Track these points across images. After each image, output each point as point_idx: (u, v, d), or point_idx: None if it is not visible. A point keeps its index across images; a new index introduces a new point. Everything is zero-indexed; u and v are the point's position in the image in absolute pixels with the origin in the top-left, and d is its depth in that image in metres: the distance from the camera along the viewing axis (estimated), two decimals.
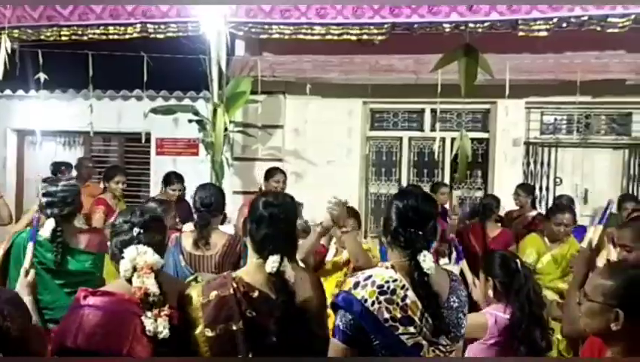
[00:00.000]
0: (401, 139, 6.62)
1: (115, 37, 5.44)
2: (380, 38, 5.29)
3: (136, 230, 1.90)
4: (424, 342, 1.80)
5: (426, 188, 5.74)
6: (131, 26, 5.38)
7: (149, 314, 1.76)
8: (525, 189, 5.34)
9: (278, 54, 6.22)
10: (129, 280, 1.81)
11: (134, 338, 1.75)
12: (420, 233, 1.88)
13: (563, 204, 4.59)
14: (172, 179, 5.03)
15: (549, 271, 4.04)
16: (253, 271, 1.91)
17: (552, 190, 6.32)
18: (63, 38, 5.44)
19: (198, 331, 1.79)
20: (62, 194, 2.74)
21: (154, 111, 5.88)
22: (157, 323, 1.76)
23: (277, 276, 1.85)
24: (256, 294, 1.83)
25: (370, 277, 1.85)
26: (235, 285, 1.83)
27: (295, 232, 2.04)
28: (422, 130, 6.59)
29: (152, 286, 1.79)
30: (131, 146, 7.10)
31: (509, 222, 5.34)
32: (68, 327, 1.76)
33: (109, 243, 1.99)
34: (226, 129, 5.58)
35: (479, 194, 6.43)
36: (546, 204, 6.15)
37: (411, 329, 1.78)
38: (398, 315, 1.78)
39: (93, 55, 5.62)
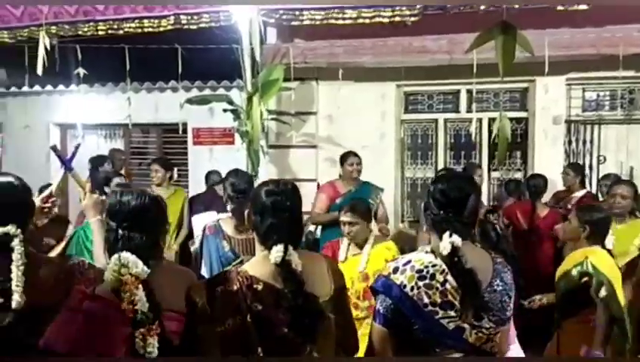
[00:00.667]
0: (436, 121, 6.52)
1: (150, 30, 5.53)
2: (412, 19, 5.21)
3: (120, 232, 1.82)
4: (465, 326, 1.79)
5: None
6: (165, 19, 5.46)
7: (137, 332, 1.68)
8: (574, 168, 5.27)
9: (310, 40, 6.19)
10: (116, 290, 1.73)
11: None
12: (458, 216, 1.86)
13: (618, 177, 4.62)
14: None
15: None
16: (258, 263, 1.88)
17: (595, 168, 6.12)
18: (100, 33, 5.57)
19: (207, 327, 1.77)
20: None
21: (189, 101, 5.97)
22: (145, 343, 1.69)
23: (283, 266, 1.80)
24: (260, 287, 1.79)
25: (409, 262, 1.85)
26: (240, 279, 1.80)
27: (300, 220, 1.99)
28: (457, 111, 6.47)
29: (140, 302, 1.71)
30: (169, 137, 7.24)
31: (557, 201, 5.25)
32: (61, 331, 1.70)
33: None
34: (260, 117, 5.62)
35: (518, 175, 6.29)
36: (590, 182, 5.98)
37: (451, 313, 1.78)
38: (438, 300, 1.77)
39: (129, 48, 5.73)
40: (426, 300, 1.77)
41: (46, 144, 7.39)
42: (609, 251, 3.08)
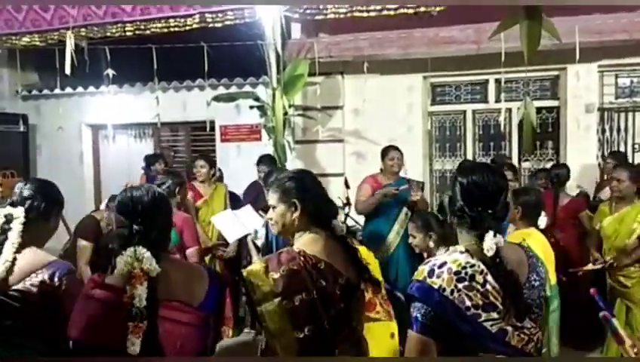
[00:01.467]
0: (464, 112, 6.44)
1: (176, 29, 5.59)
2: (437, 9, 5.14)
3: (135, 227, 1.88)
4: (508, 328, 1.70)
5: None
6: (190, 17, 5.52)
7: (129, 325, 1.76)
8: (615, 157, 5.15)
9: (334, 34, 6.17)
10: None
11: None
12: (489, 211, 1.75)
13: (619, 160, 4.81)
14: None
15: (609, 233, 4.06)
16: (311, 243, 2.02)
17: (630, 157, 5.95)
18: (128, 34, 5.66)
19: (274, 304, 1.86)
20: None
21: (216, 99, 6.01)
22: (129, 339, 1.75)
23: (340, 240, 2.06)
24: (323, 265, 1.94)
25: (445, 264, 1.72)
26: (302, 258, 1.92)
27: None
28: (486, 101, 6.37)
29: (138, 298, 1.77)
30: (197, 135, 7.32)
31: (599, 190, 5.15)
32: (74, 318, 1.78)
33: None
34: (285, 113, 5.63)
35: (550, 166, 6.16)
36: None
37: (494, 316, 1.68)
38: (480, 302, 1.67)
39: (156, 48, 5.80)
40: (468, 303, 1.66)
41: (79, 145, 7.57)
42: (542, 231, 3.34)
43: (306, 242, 2.03)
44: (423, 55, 5.79)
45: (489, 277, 1.68)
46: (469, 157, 6.37)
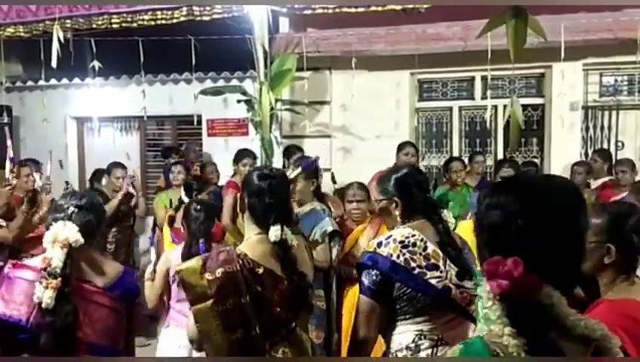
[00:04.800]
0: (451, 109, 6.48)
1: (163, 22, 5.56)
2: (425, 5, 5.17)
3: (71, 209, 2.12)
4: (452, 285, 2.07)
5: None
6: (178, 10, 5.48)
7: (43, 281, 1.93)
8: (602, 155, 5.23)
9: (323, 29, 6.17)
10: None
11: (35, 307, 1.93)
12: (429, 196, 2.30)
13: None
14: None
15: None
16: (254, 245, 2.01)
17: (613, 155, 6.04)
18: (114, 26, 5.61)
19: (207, 306, 1.86)
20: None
21: (203, 92, 5.98)
22: (43, 293, 1.91)
23: (280, 246, 1.99)
24: (261, 271, 1.92)
25: (390, 236, 2.12)
26: (240, 261, 1.91)
27: (290, 203, 2.24)
28: (472, 98, 6.41)
29: (56, 258, 1.97)
30: (184, 129, 7.27)
31: (584, 188, 5.21)
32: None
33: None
34: (273, 107, 5.62)
35: (536, 162, 6.23)
36: (609, 169, 5.90)
37: (437, 274, 2.05)
38: (423, 263, 2.05)
39: (143, 41, 5.75)
40: (413, 264, 2.04)
41: (63, 138, 7.49)
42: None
43: (249, 244, 2.02)
44: (410, 51, 5.80)
45: (429, 244, 2.10)
46: (455, 153, 6.42)
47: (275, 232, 1.97)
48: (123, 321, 2.16)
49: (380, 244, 2.10)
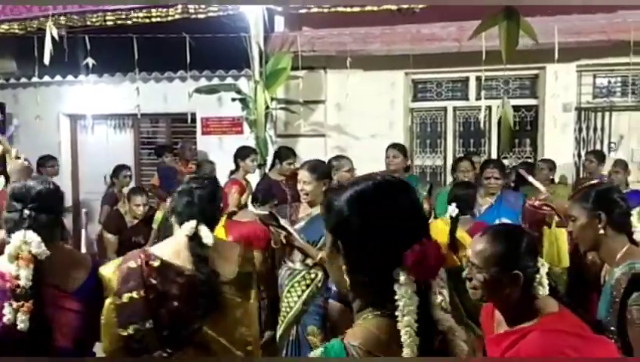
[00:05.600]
0: (445, 109, 6.50)
1: (158, 19, 5.53)
2: (420, 6, 5.18)
3: (26, 212, 1.96)
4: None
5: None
6: (173, 8, 5.46)
7: (12, 304, 1.85)
8: (596, 156, 5.28)
9: (318, 28, 6.17)
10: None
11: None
12: None
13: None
14: (286, 153, 5.18)
15: None
16: (169, 241, 2.14)
17: (606, 156, 6.08)
18: (109, 23, 5.58)
19: (108, 301, 1.97)
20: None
21: (198, 91, 5.97)
22: (16, 316, 1.84)
23: (193, 241, 2.04)
24: (157, 263, 2.00)
25: None
26: (142, 256, 2.02)
27: (215, 211, 2.23)
28: (467, 99, 6.44)
29: (24, 278, 1.86)
30: (178, 127, 7.26)
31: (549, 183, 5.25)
32: None
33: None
34: (267, 106, 5.62)
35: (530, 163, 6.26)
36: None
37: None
38: None
39: (137, 38, 5.73)
40: None
41: (56, 135, 7.45)
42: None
43: (165, 241, 2.17)
44: (405, 51, 5.82)
45: None
46: (449, 153, 6.44)
47: (188, 226, 2.05)
48: (92, 322, 2.04)
49: None
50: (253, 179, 5.42)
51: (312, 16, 5.74)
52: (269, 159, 5.64)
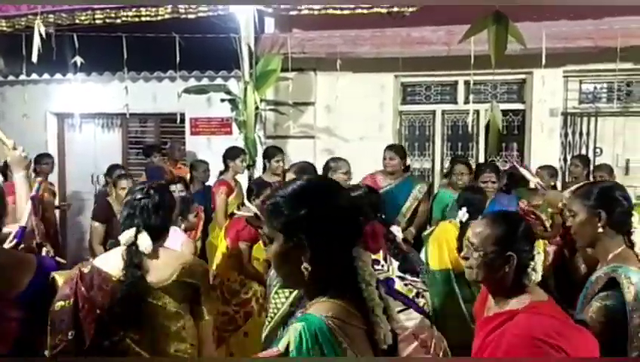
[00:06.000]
0: (434, 112, 6.54)
1: (148, 18, 5.51)
2: (410, 10, 5.21)
3: None
4: (394, 278, 2.20)
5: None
6: (163, 7, 5.44)
7: None
8: (582, 160, 5.35)
9: (308, 30, 6.18)
10: None
11: None
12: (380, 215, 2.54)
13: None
14: (273, 151, 5.23)
15: None
16: (113, 250, 2.15)
17: (591, 161, 6.15)
18: (97, 22, 5.55)
19: (51, 309, 1.97)
20: None
21: (187, 91, 5.96)
22: None
23: (129, 249, 2.04)
24: (87, 269, 2.02)
25: None
26: (79, 266, 2.04)
27: (164, 220, 2.19)
28: (455, 102, 6.48)
29: None
30: (167, 127, 7.23)
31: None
32: None
33: None
34: (257, 107, 5.61)
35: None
36: (587, 174, 6.00)
37: (377, 267, 2.14)
38: None
39: (126, 37, 5.70)
40: None
41: (43, 133, 7.39)
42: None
43: (110, 250, 2.20)
44: (395, 54, 5.85)
45: None
46: (437, 156, 6.48)
47: (125, 236, 2.07)
48: (35, 327, 1.95)
49: None
50: (242, 178, 5.42)
51: (302, 18, 5.75)
52: (259, 160, 5.64)
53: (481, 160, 6.28)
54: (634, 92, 6.09)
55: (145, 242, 2.06)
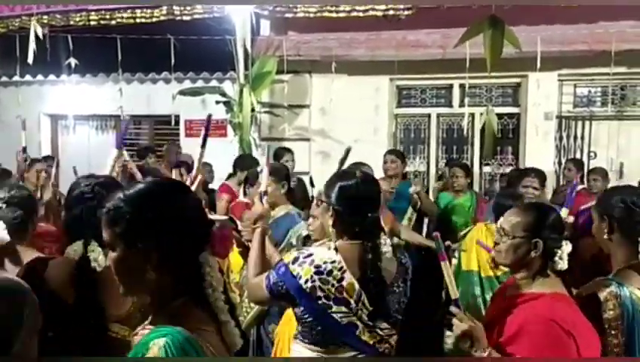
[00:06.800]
0: (429, 115, 6.54)
1: (143, 20, 5.50)
2: (406, 13, 5.22)
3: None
4: (359, 323, 1.85)
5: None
6: (158, 9, 5.44)
7: None
8: (576, 164, 5.37)
9: (304, 33, 6.18)
10: None
11: None
12: (374, 216, 1.94)
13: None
14: (282, 152, 5.16)
15: None
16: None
17: (586, 164, 6.16)
18: (92, 23, 5.54)
19: None
20: None
21: (182, 93, 5.94)
22: None
23: (79, 262, 1.81)
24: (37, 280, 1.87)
25: (310, 255, 1.87)
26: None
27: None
28: (450, 106, 6.49)
29: None
30: (161, 129, 7.20)
31: (555, 195, 5.31)
32: None
33: None
34: (253, 109, 5.60)
35: (510, 170, 6.32)
36: (581, 178, 6.02)
37: (344, 309, 1.83)
38: (332, 295, 1.82)
39: (121, 39, 5.68)
40: (320, 293, 1.81)
41: (37, 134, 7.34)
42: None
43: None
44: (390, 57, 5.85)
45: (347, 275, 1.84)
46: (432, 159, 6.48)
47: (71, 250, 1.85)
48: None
49: (295, 260, 1.86)
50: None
51: (297, 21, 5.75)
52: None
53: (476, 163, 6.29)
54: (628, 96, 6.11)
55: (98, 257, 1.96)
